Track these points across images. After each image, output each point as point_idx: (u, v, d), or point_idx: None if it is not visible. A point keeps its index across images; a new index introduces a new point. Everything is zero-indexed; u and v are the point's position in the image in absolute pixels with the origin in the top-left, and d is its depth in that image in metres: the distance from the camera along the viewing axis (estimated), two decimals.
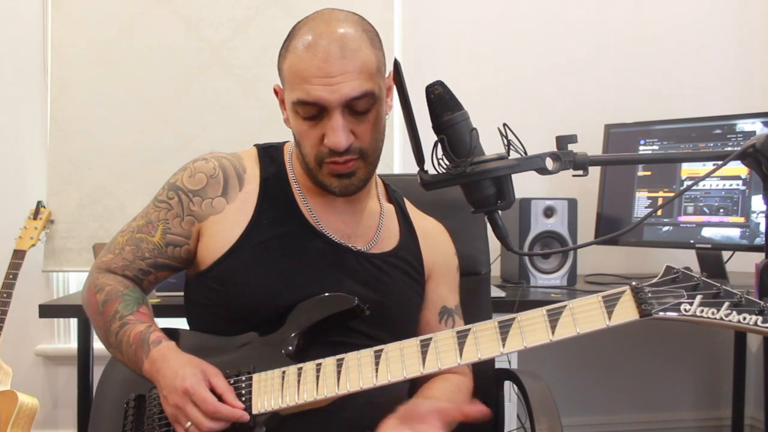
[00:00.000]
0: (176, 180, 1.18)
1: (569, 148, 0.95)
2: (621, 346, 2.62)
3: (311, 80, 1.03)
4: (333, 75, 1.03)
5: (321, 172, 1.11)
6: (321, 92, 1.03)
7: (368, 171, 1.13)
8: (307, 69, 1.04)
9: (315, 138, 1.08)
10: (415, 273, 1.24)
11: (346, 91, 1.03)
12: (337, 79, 1.03)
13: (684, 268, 0.92)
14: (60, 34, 2.37)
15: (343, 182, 1.11)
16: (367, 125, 1.08)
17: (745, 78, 2.66)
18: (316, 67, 1.03)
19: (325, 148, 1.07)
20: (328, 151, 1.07)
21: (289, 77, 1.07)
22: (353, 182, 1.11)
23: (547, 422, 1.18)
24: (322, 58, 1.03)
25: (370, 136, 1.09)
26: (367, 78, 1.05)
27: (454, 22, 2.55)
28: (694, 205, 2.15)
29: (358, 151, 1.09)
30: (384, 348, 0.99)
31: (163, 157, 2.38)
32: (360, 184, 1.13)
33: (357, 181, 1.12)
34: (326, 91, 1.03)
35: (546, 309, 0.94)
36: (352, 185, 1.12)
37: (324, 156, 1.09)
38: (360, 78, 1.04)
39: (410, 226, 1.28)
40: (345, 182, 1.11)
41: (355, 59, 1.04)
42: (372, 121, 1.09)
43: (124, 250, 1.18)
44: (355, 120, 1.07)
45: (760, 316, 0.85)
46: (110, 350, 1.14)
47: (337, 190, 1.12)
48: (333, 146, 1.05)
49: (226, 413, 0.98)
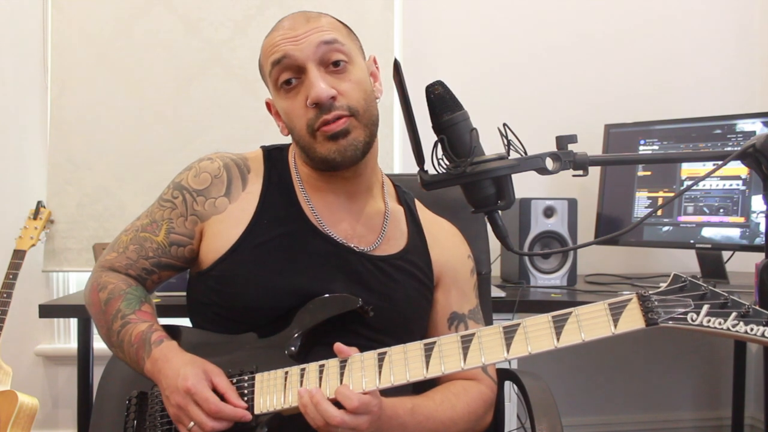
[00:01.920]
0: (181, 179, 1.18)
1: (569, 148, 0.95)
2: (621, 346, 2.62)
3: (279, 43, 1.09)
4: (299, 34, 1.09)
5: (316, 142, 1.10)
6: (289, 47, 1.08)
7: (365, 134, 1.11)
8: (275, 37, 1.11)
9: (300, 107, 1.09)
10: (423, 276, 1.22)
11: (313, 38, 1.08)
12: (304, 35, 1.08)
13: (691, 276, 0.91)
14: (60, 34, 2.37)
15: (340, 144, 1.08)
16: (348, 84, 1.10)
17: (745, 78, 2.67)
18: (282, 34, 1.10)
19: (312, 112, 1.07)
20: (315, 114, 1.07)
21: (264, 58, 1.13)
22: (350, 142, 1.09)
23: (547, 422, 1.18)
24: (289, 27, 1.11)
25: (356, 94, 1.10)
26: (335, 30, 1.11)
27: (454, 22, 2.55)
28: (694, 205, 2.15)
29: (346, 107, 1.08)
30: (388, 351, 0.98)
31: (163, 157, 2.38)
32: (359, 146, 1.10)
33: (354, 141, 1.09)
34: (295, 46, 1.08)
35: (551, 315, 0.93)
36: (350, 146, 1.09)
37: (313, 122, 1.08)
38: (327, 30, 1.09)
39: (419, 229, 1.26)
40: (342, 143, 1.08)
41: (320, 20, 1.11)
42: (353, 81, 1.10)
43: (127, 249, 1.18)
44: (334, 78, 1.09)
45: (767, 327, 0.84)
46: (112, 349, 1.14)
47: (336, 156, 1.09)
48: (314, 98, 1.06)
49: (229, 413, 0.98)
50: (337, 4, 2.38)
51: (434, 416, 1.10)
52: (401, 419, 1.04)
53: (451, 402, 1.13)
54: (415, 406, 1.08)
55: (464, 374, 0.99)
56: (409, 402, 1.08)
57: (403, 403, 1.06)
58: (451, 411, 1.12)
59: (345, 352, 0.99)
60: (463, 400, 1.15)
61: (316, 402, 0.95)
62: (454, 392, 1.16)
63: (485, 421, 1.21)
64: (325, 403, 0.94)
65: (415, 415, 1.07)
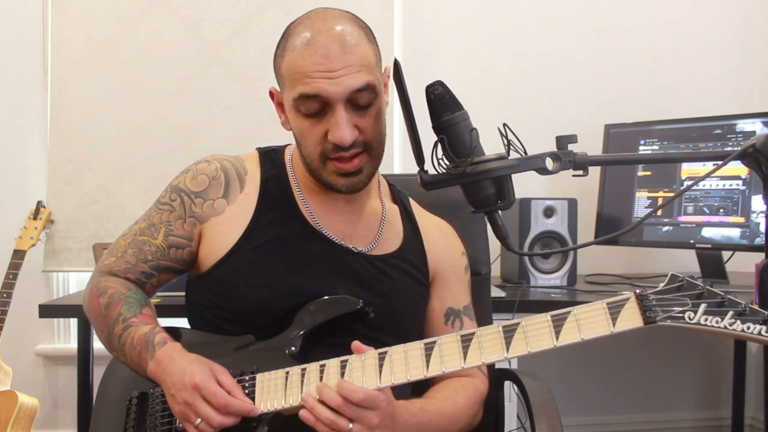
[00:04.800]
0: (179, 182, 1.18)
1: (569, 148, 0.95)
2: (621, 346, 2.62)
3: (313, 74, 1.04)
4: (335, 69, 1.03)
5: (325, 170, 1.11)
6: (323, 85, 1.03)
7: (374, 165, 1.13)
8: (308, 65, 1.04)
9: (318, 135, 1.08)
10: (419, 274, 1.23)
11: (348, 83, 1.04)
12: (339, 73, 1.03)
13: (688, 275, 0.92)
14: (60, 34, 2.37)
15: (350, 180, 1.11)
16: (369, 119, 1.09)
17: (745, 78, 2.67)
18: (317, 62, 1.03)
19: (329, 144, 1.07)
20: (333, 147, 1.07)
21: (289, 75, 1.07)
22: (360, 179, 1.11)
23: (547, 422, 1.18)
24: (323, 54, 1.03)
25: (374, 129, 1.10)
26: (368, 71, 1.06)
27: (454, 22, 2.55)
28: (694, 205, 2.15)
29: (362, 144, 1.09)
30: (388, 350, 0.99)
31: (163, 157, 2.38)
32: (366, 180, 1.13)
33: (364, 178, 1.12)
34: (329, 84, 1.03)
35: (550, 315, 0.94)
36: (360, 182, 1.12)
37: (328, 153, 1.08)
38: (361, 71, 1.05)
39: (415, 227, 1.27)
40: (353, 180, 1.11)
41: (355, 53, 1.05)
42: (374, 115, 1.09)
43: (126, 253, 1.18)
44: (357, 114, 1.07)
45: (764, 325, 0.85)
46: (113, 353, 1.14)
47: (343, 189, 1.11)
48: (338, 141, 1.05)
49: (237, 407, 0.98)
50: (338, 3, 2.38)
51: (441, 413, 1.11)
52: (417, 418, 1.05)
53: (453, 399, 1.15)
54: (423, 405, 1.09)
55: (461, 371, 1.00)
56: (418, 402, 1.09)
57: (413, 404, 1.07)
58: (454, 407, 1.14)
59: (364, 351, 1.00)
60: (463, 396, 1.17)
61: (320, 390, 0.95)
62: (453, 389, 1.17)
63: (479, 416, 1.23)
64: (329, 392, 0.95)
65: (426, 413, 1.08)
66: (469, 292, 1.30)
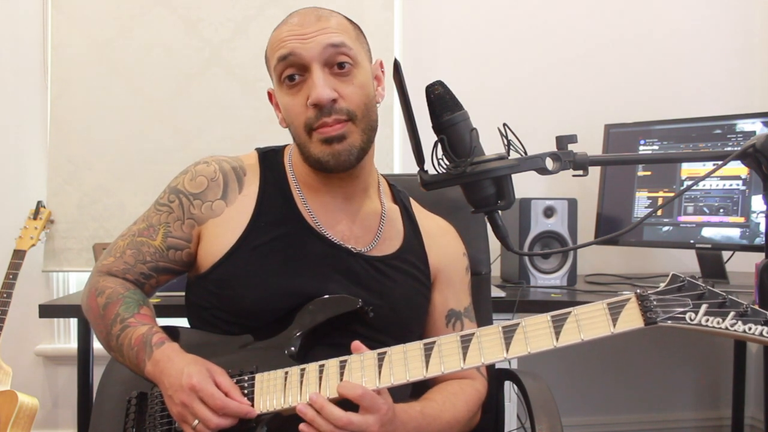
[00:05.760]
0: (177, 183, 1.18)
1: (569, 148, 0.95)
2: (621, 346, 2.62)
3: (287, 38, 1.09)
4: (308, 32, 1.08)
5: (311, 142, 1.10)
6: (296, 43, 1.08)
7: (361, 139, 1.11)
8: (283, 32, 1.10)
9: (300, 105, 1.09)
10: (420, 275, 1.22)
11: (321, 39, 1.07)
12: (312, 34, 1.08)
13: (689, 276, 0.92)
14: (60, 34, 2.37)
15: (334, 148, 1.08)
16: (351, 87, 1.09)
17: (745, 78, 2.66)
18: (291, 29, 1.09)
19: (312, 111, 1.07)
20: (315, 114, 1.07)
21: (271, 52, 1.12)
22: (345, 147, 1.09)
23: (547, 422, 1.18)
24: (298, 23, 1.10)
25: (358, 99, 1.10)
26: (344, 33, 1.10)
27: (454, 22, 2.55)
28: (694, 205, 2.15)
29: (345, 111, 1.08)
30: (387, 351, 0.98)
31: (163, 157, 2.38)
32: (354, 152, 1.10)
33: (350, 147, 1.09)
34: (302, 43, 1.07)
35: (550, 315, 0.93)
36: (344, 151, 1.09)
37: (312, 122, 1.08)
38: (337, 32, 1.09)
39: (415, 227, 1.26)
40: (336, 148, 1.08)
41: (330, 20, 1.10)
42: (357, 85, 1.10)
43: (125, 253, 1.18)
44: (337, 80, 1.08)
45: (765, 326, 0.85)
46: (111, 353, 1.14)
47: (330, 159, 1.09)
48: (316, 100, 1.06)
49: (234, 408, 0.98)
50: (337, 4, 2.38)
51: (440, 417, 1.10)
52: (417, 422, 1.05)
53: (452, 401, 1.14)
54: (423, 408, 1.09)
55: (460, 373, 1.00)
56: (417, 405, 1.09)
57: (413, 407, 1.07)
58: (453, 410, 1.13)
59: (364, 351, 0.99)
60: (462, 399, 1.16)
61: (320, 406, 0.94)
62: (452, 392, 1.16)
63: (477, 418, 1.23)
64: (328, 407, 0.94)
65: (425, 416, 1.08)
66: (469, 293, 1.30)
